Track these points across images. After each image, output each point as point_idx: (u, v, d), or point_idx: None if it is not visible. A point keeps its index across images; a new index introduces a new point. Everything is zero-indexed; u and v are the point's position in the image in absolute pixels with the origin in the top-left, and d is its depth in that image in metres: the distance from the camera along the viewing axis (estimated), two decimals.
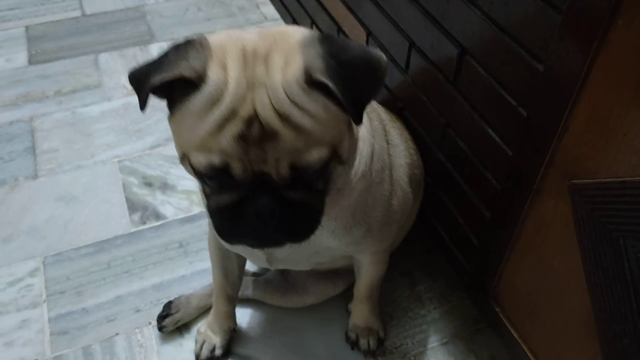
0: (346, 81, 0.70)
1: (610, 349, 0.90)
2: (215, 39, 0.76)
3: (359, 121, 0.74)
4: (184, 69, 0.72)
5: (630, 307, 0.84)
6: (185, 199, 1.71)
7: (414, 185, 1.20)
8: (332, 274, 1.42)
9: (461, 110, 1.16)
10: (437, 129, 1.28)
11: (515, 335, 1.18)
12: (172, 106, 0.77)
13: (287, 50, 0.73)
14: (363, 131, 0.92)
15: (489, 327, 1.41)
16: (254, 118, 0.71)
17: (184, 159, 0.79)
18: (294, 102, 0.70)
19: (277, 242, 0.86)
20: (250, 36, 0.76)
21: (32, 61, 2.21)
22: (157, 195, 1.71)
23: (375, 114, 1.08)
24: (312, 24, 1.90)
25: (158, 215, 1.65)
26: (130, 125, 1.94)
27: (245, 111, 0.71)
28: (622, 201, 0.81)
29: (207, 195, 0.83)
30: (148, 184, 1.74)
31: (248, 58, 0.73)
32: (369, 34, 1.47)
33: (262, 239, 0.84)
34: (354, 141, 0.86)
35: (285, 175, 0.74)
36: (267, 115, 0.70)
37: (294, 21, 2.13)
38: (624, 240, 0.82)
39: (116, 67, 2.18)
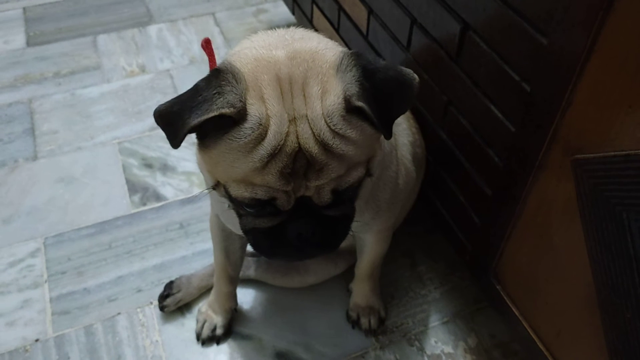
0: (380, 102, 0.71)
1: (612, 323, 0.90)
2: (246, 67, 0.74)
3: (389, 136, 0.75)
4: (222, 107, 0.69)
5: (633, 281, 0.84)
6: (185, 180, 1.70)
7: (416, 163, 1.20)
8: (333, 254, 1.42)
9: (463, 87, 1.14)
10: (439, 107, 1.27)
11: (516, 312, 1.18)
12: (204, 137, 0.75)
13: (322, 76, 0.73)
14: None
15: (489, 307, 1.41)
16: (298, 152, 0.71)
17: (219, 186, 0.78)
18: (336, 131, 0.71)
19: (314, 255, 0.89)
20: (280, 57, 0.74)
21: (30, 43, 2.19)
22: (157, 177, 1.70)
23: None
24: (313, 3, 1.88)
25: (158, 197, 1.65)
26: (130, 107, 1.93)
27: (289, 146, 0.71)
28: (626, 175, 0.80)
29: (241, 215, 0.84)
30: (148, 165, 1.74)
31: (284, 88, 0.72)
32: (370, 11, 1.45)
33: (301, 254, 0.87)
34: (382, 153, 0.87)
35: (328, 200, 0.76)
36: (312, 148, 0.71)
37: (294, 1, 2.11)
38: (627, 214, 0.82)
39: (115, 49, 2.17)
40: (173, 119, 0.72)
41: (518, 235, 1.11)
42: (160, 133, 1.85)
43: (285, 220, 0.79)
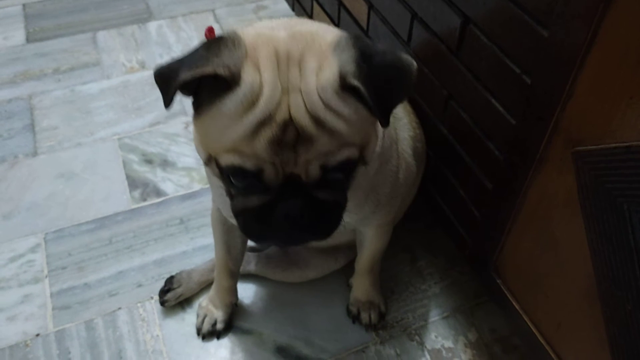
0: (377, 86, 0.71)
1: (613, 315, 0.91)
2: (247, 39, 0.74)
3: (386, 124, 0.74)
4: (217, 66, 0.70)
5: (634, 273, 0.84)
6: (185, 175, 1.70)
7: (416, 157, 1.20)
8: (333, 249, 1.42)
9: (464, 81, 1.14)
10: (439, 102, 1.27)
11: (516, 306, 1.18)
12: (198, 106, 0.76)
13: (320, 53, 0.73)
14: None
15: (489, 301, 1.41)
16: (289, 123, 0.71)
17: (210, 160, 0.78)
18: (328, 106, 0.71)
19: (304, 240, 0.87)
20: (281, 35, 0.75)
21: (29, 39, 2.19)
22: (158, 172, 1.70)
23: None
24: None
25: (158, 192, 1.65)
26: (129, 103, 1.93)
27: (280, 116, 0.70)
28: (627, 166, 0.80)
29: (232, 196, 0.83)
30: (148, 161, 1.74)
31: (282, 61, 0.72)
32: (371, 6, 1.46)
33: (289, 239, 0.85)
34: (377, 141, 0.87)
35: (316, 176, 0.75)
36: (302, 119, 0.71)
37: None
38: (628, 206, 0.82)
39: (114, 45, 2.17)
40: (169, 76, 0.73)
41: (518, 228, 1.11)
42: (161, 129, 1.86)
43: (273, 200, 0.77)
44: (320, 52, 0.73)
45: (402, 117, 1.17)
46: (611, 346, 0.94)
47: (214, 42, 0.73)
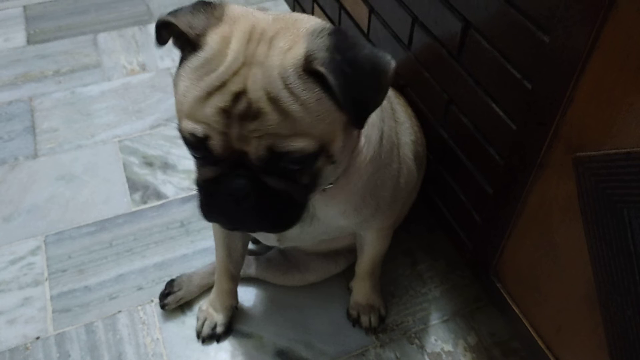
0: (348, 79, 0.69)
1: (612, 320, 0.91)
2: (232, 11, 0.77)
3: (358, 125, 0.74)
4: (184, 23, 0.74)
5: (634, 278, 0.84)
6: (186, 178, 1.70)
7: (417, 162, 1.20)
8: (334, 253, 1.42)
9: (465, 85, 1.15)
10: (440, 106, 1.27)
11: (516, 310, 1.18)
12: (179, 66, 0.79)
13: (294, 36, 0.72)
14: (372, 116, 0.91)
15: (489, 305, 1.42)
16: (242, 94, 0.70)
17: (180, 129, 0.79)
18: (287, 86, 0.70)
19: (250, 227, 0.84)
20: (264, 17, 0.76)
21: (30, 41, 2.19)
22: (158, 175, 1.70)
23: None
24: (313, 1, 1.88)
25: (159, 195, 1.65)
26: (130, 105, 1.93)
27: (235, 85, 0.70)
28: (627, 172, 0.81)
29: (197, 169, 0.83)
30: (149, 163, 1.74)
31: (254, 36, 0.72)
32: (372, 10, 1.46)
33: (235, 221, 0.82)
34: (351, 143, 0.83)
35: (263, 157, 0.72)
36: (256, 93, 0.70)
37: None
38: (628, 212, 0.82)
39: (115, 47, 2.17)
40: (159, 17, 0.80)
41: (519, 233, 1.11)
42: (161, 131, 1.86)
43: (223, 175, 0.77)
44: (295, 34, 0.72)
45: (404, 121, 1.17)
46: (611, 351, 0.94)
47: (201, 4, 0.77)
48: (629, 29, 0.75)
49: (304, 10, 2.02)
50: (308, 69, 0.70)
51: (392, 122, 1.04)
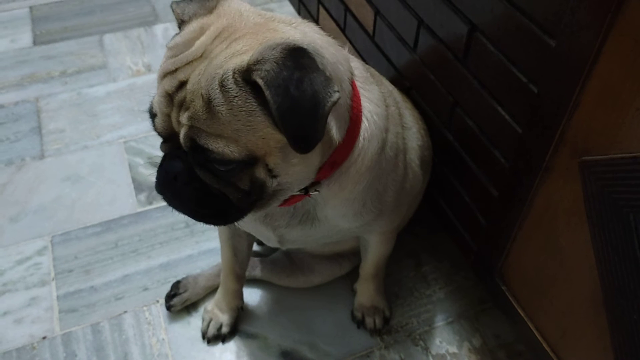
0: (288, 99, 0.67)
1: (618, 324, 0.91)
2: (225, 6, 0.79)
3: (298, 150, 0.71)
4: (178, 8, 0.80)
5: (639, 282, 0.84)
6: None
7: (424, 166, 1.20)
8: (338, 255, 1.42)
9: (470, 88, 1.15)
10: (445, 108, 1.27)
11: (521, 313, 1.18)
12: None
13: (255, 43, 0.72)
14: (372, 128, 0.90)
15: (494, 307, 1.42)
16: (184, 84, 0.73)
17: None
18: (222, 88, 0.70)
19: (180, 209, 0.85)
20: (250, 18, 0.77)
21: (36, 42, 2.20)
22: None
23: (391, 98, 1.05)
24: (319, 3, 1.88)
25: None
26: (136, 106, 1.94)
27: (182, 74, 0.74)
28: (633, 177, 0.81)
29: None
30: (154, 164, 1.74)
31: (224, 34, 0.74)
32: (377, 12, 1.46)
33: (170, 199, 0.84)
34: (303, 164, 0.79)
35: (186, 145, 0.75)
36: (194, 86, 0.72)
37: (300, 1, 2.12)
38: (634, 216, 0.82)
39: (121, 48, 2.18)
40: None
41: (524, 236, 1.11)
42: None
43: (167, 152, 0.81)
44: (257, 41, 0.72)
45: (411, 126, 1.16)
46: (616, 355, 0.94)
47: None
48: (636, 34, 0.75)
49: (309, 12, 2.03)
50: (247, 78, 0.69)
51: (398, 129, 1.03)
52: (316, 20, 1.96)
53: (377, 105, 0.92)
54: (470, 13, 1.09)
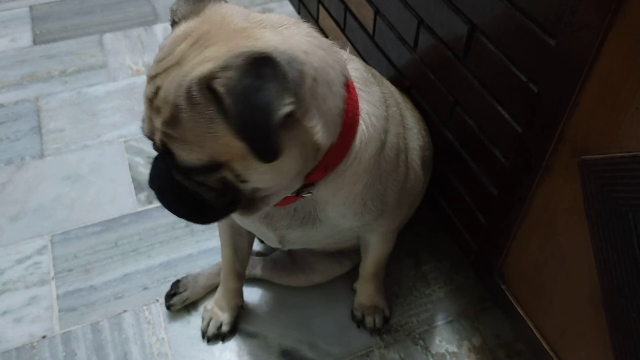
0: (248, 106, 0.67)
1: (617, 323, 0.91)
2: (212, 9, 0.79)
3: (261, 159, 0.71)
4: (174, 7, 0.81)
5: (639, 281, 0.84)
6: None
7: (425, 166, 1.19)
8: (339, 254, 1.43)
9: (470, 88, 1.15)
10: (445, 108, 1.27)
11: (521, 312, 1.19)
12: None
13: (224, 50, 0.71)
14: (370, 131, 0.89)
15: (493, 306, 1.42)
16: (159, 90, 0.73)
17: None
18: (187, 95, 0.70)
19: (167, 207, 0.88)
20: (232, 24, 0.76)
21: (36, 41, 2.20)
22: None
23: (393, 99, 1.05)
24: (319, 3, 1.88)
25: None
26: (136, 105, 1.94)
27: (160, 81, 0.74)
28: (633, 176, 0.81)
29: None
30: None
31: (200, 40, 0.74)
32: (377, 12, 1.46)
33: (158, 196, 0.87)
34: (274, 171, 0.78)
35: (159, 149, 0.77)
36: (164, 93, 0.72)
37: (300, 1, 2.12)
38: (634, 215, 0.82)
39: (121, 48, 2.18)
40: None
41: (524, 235, 1.12)
42: None
43: (157, 156, 0.84)
44: (227, 49, 0.71)
45: (412, 127, 1.16)
46: (615, 354, 0.94)
47: None
48: (635, 33, 0.75)
49: (309, 12, 2.03)
50: (210, 85, 0.69)
51: (400, 129, 1.02)
52: (316, 20, 1.96)
53: (377, 107, 0.91)
54: (470, 13, 1.09)
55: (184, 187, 0.81)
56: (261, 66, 0.68)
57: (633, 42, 0.76)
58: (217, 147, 0.73)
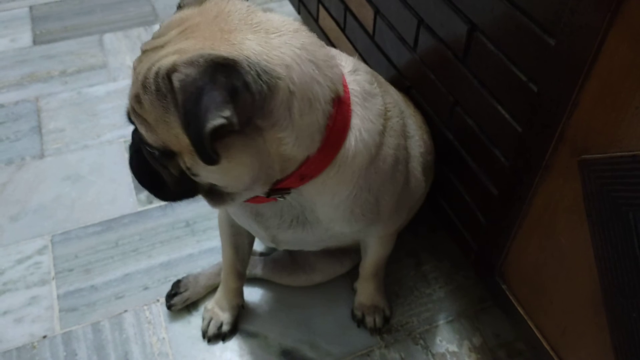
0: (198, 106, 0.67)
1: (618, 322, 0.91)
2: (214, 3, 0.79)
3: (202, 161, 0.71)
4: None
5: (639, 281, 0.84)
6: None
7: (426, 172, 1.19)
8: (340, 253, 1.43)
9: (470, 87, 1.15)
10: (445, 108, 1.27)
11: (521, 312, 1.19)
12: None
13: (199, 47, 0.72)
14: (359, 146, 0.87)
15: (494, 306, 1.42)
16: (138, 65, 0.77)
17: None
18: (154, 79, 0.72)
19: (135, 175, 0.92)
20: (222, 23, 0.76)
21: (36, 41, 2.20)
22: None
23: (396, 109, 1.02)
24: (319, 2, 1.89)
25: None
26: None
27: (143, 56, 0.78)
28: (633, 175, 0.81)
29: None
30: None
31: (188, 30, 0.75)
32: (377, 11, 1.46)
33: (129, 162, 0.92)
34: (222, 173, 0.79)
35: (128, 120, 0.80)
36: (138, 71, 0.76)
37: (300, 0, 2.12)
38: (634, 215, 0.82)
39: (121, 48, 2.18)
40: None
41: (524, 235, 1.12)
42: None
43: None
44: (201, 45, 0.72)
45: (414, 134, 1.14)
46: (616, 353, 0.94)
47: None
48: (635, 32, 0.75)
49: (309, 12, 2.03)
50: (169, 77, 0.70)
51: (400, 141, 1.00)
52: (316, 20, 1.96)
53: (372, 122, 0.89)
54: (470, 12, 1.09)
55: (148, 163, 0.85)
56: (219, 72, 0.68)
57: (633, 41, 0.76)
58: (169, 137, 0.75)
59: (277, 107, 0.74)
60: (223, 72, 0.68)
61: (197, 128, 0.68)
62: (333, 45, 1.79)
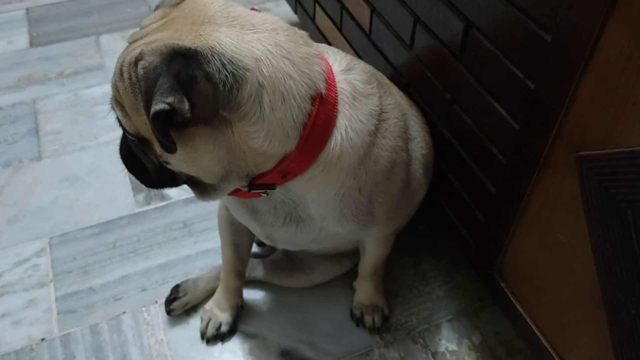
0: (148, 96, 0.70)
1: (617, 320, 0.91)
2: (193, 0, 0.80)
3: (161, 147, 0.74)
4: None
5: (638, 278, 0.84)
6: None
7: (427, 173, 1.18)
8: (339, 254, 1.42)
9: (467, 85, 1.14)
10: (442, 105, 1.27)
11: (520, 310, 1.18)
12: None
13: (167, 38, 0.74)
14: (345, 146, 0.86)
15: (493, 304, 1.42)
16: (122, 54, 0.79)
17: None
18: (129, 67, 0.74)
19: (122, 160, 0.94)
20: (200, 14, 0.77)
21: (33, 43, 2.20)
22: None
23: (396, 111, 1.01)
24: (315, 1, 1.88)
25: (162, 196, 1.65)
26: None
27: (128, 46, 0.80)
28: (631, 171, 0.80)
29: None
30: None
31: (167, 23, 0.77)
32: (373, 10, 1.46)
33: (119, 148, 0.94)
34: (190, 162, 0.81)
35: (111, 105, 0.83)
36: (119, 58, 0.78)
37: (297, 0, 2.11)
38: (632, 211, 0.82)
39: (118, 49, 2.17)
40: None
41: (522, 232, 1.11)
42: None
43: None
44: (169, 38, 0.74)
45: (416, 136, 1.13)
46: (615, 350, 0.94)
47: None
48: (632, 28, 0.74)
49: (305, 11, 2.02)
50: (136, 65, 0.73)
51: (398, 142, 0.99)
52: (312, 19, 1.96)
53: (362, 122, 0.88)
54: (466, 10, 1.08)
55: (131, 149, 0.87)
56: (176, 60, 0.71)
57: (629, 37, 0.75)
58: (140, 124, 0.78)
59: (246, 100, 0.74)
60: (180, 60, 0.70)
61: (149, 114, 0.71)
62: (330, 44, 1.78)
